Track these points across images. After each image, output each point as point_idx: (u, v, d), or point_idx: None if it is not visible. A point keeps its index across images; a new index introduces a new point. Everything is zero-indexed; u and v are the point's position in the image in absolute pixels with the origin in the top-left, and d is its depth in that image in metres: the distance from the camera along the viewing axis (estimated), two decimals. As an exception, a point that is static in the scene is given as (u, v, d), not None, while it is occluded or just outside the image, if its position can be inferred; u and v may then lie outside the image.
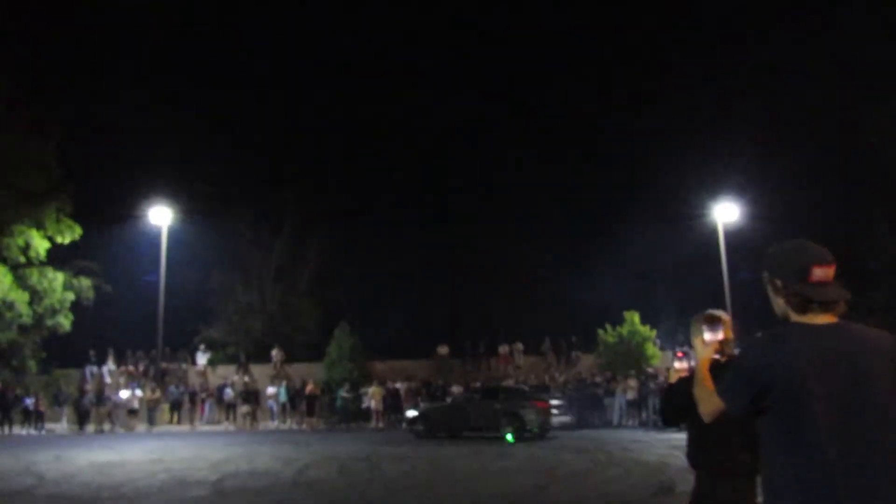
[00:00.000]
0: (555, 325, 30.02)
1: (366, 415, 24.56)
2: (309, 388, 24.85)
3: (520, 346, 29.12)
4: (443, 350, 29.08)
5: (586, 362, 27.63)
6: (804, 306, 2.21)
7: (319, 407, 25.00)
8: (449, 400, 21.96)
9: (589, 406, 22.71)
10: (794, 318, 2.24)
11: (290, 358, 28.84)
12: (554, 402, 19.64)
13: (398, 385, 25.05)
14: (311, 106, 48.43)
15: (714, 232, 28.19)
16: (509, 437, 17.08)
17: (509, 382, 24.29)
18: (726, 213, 27.99)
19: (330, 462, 13.10)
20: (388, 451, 15.24)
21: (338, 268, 33.96)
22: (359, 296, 33.72)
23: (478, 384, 24.62)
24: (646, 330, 26.36)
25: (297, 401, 24.98)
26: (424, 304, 35.13)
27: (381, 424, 24.12)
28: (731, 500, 3.13)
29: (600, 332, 27.17)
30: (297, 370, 28.03)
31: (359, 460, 13.38)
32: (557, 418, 20.19)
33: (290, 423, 24.78)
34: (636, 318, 26.73)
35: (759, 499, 2.98)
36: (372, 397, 24.37)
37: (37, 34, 44.27)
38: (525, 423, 17.33)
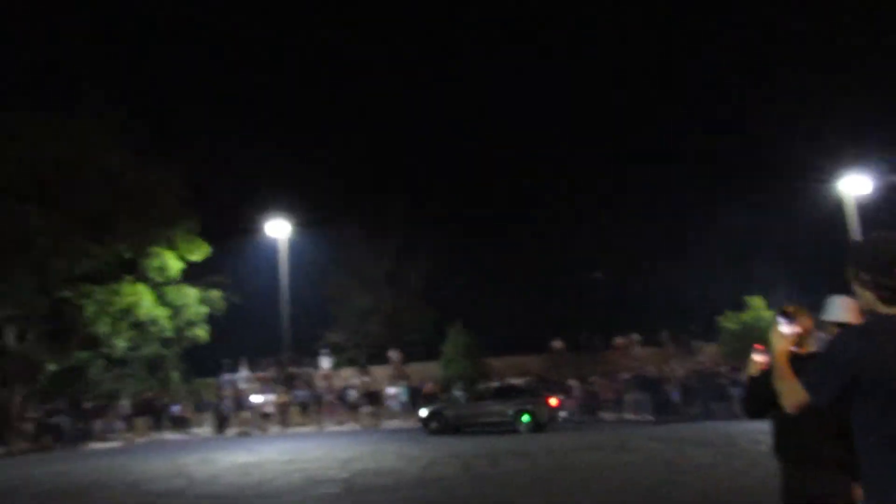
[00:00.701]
0: (673, 314, 29.20)
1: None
2: (428, 387, 25.48)
3: (636, 337, 28.51)
4: (557, 344, 28.93)
5: (708, 352, 26.67)
6: (893, 298, 2.20)
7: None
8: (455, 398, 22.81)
9: (713, 397, 21.94)
10: (883, 310, 2.23)
11: (407, 358, 29.66)
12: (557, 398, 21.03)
13: (516, 381, 25.18)
14: (414, 112, 49.49)
15: (841, 208, 26.41)
16: (525, 418, 18.96)
17: (625, 376, 23.89)
18: (856, 185, 26.12)
19: (453, 459, 13.42)
20: (508, 446, 15.41)
21: (449, 266, 34.57)
22: (471, 293, 34.11)
23: (595, 377, 24.49)
24: (772, 315, 25.06)
25: (417, 400, 25.68)
26: (538, 298, 35.07)
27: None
28: (821, 493, 3.08)
29: (720, 319, 26.15)
30: (415, 370, 28.80)
31: (480, 457, 13.62)
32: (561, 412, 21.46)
33: (411, 422, 25.47)
34: (761, 303, 25.54)
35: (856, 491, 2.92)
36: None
37: (159, 68, 47.87)
38: (536, 417, 18.96)
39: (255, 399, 26.02)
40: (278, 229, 29.42)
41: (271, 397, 26.17)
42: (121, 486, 12.18)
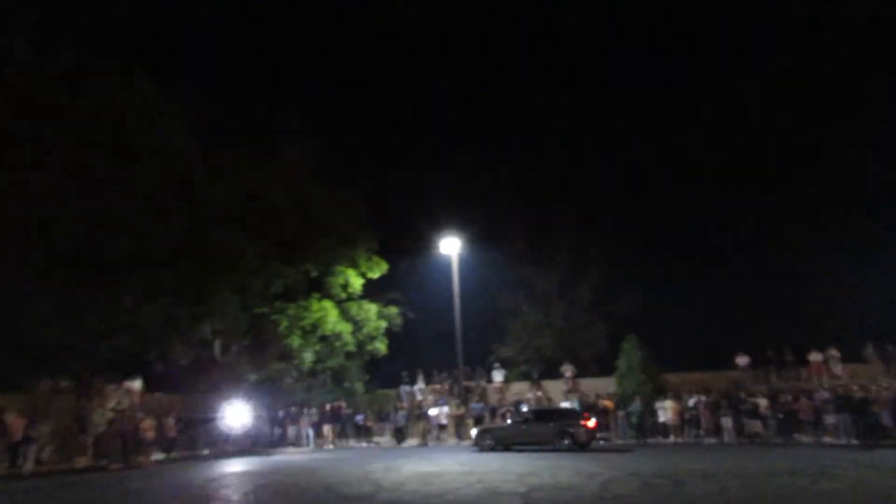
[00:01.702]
0: (881, 326, 26.21)
1: (663, 429, 23.88)
2: (602, 402, 24.92)
3: (835, 352, 25.93)
4: (742, 360, 27.10)
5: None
6: None
7: (614, 421, 24.91)
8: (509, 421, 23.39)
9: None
10: None
11: (580, 373, 29.22)
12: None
13: (699, 398, 23.90)
14: (583, 124, 48.96)
15: None
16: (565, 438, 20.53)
17: (823, 395, 21.84)
18: None
19: (631, 478, 13.04)
20: (689, 467, 14.68)
21: (621, 279, 33.58)
22: (646, 306, 32.84)
23: (789, 397, 22.67)
24: None
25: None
26: (719, 309, 32.96)
27: (679, 439, 23.29)
28: None
29: (939, 332, 23.18)
30: (588, 385, 28.29)
31: (661, 476, 13.11)
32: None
33: (586, 438, 24.99)
34: None
35: None
36: (668, 411, 23.66)
37: (340, 103, 51.43)
38: (575, 438, 20.42)
39: (432, 412, 26.91)
40: (451, 246, 30.35)
41: (446, 409, 26.95)
42: (317, 487, 13.14)
